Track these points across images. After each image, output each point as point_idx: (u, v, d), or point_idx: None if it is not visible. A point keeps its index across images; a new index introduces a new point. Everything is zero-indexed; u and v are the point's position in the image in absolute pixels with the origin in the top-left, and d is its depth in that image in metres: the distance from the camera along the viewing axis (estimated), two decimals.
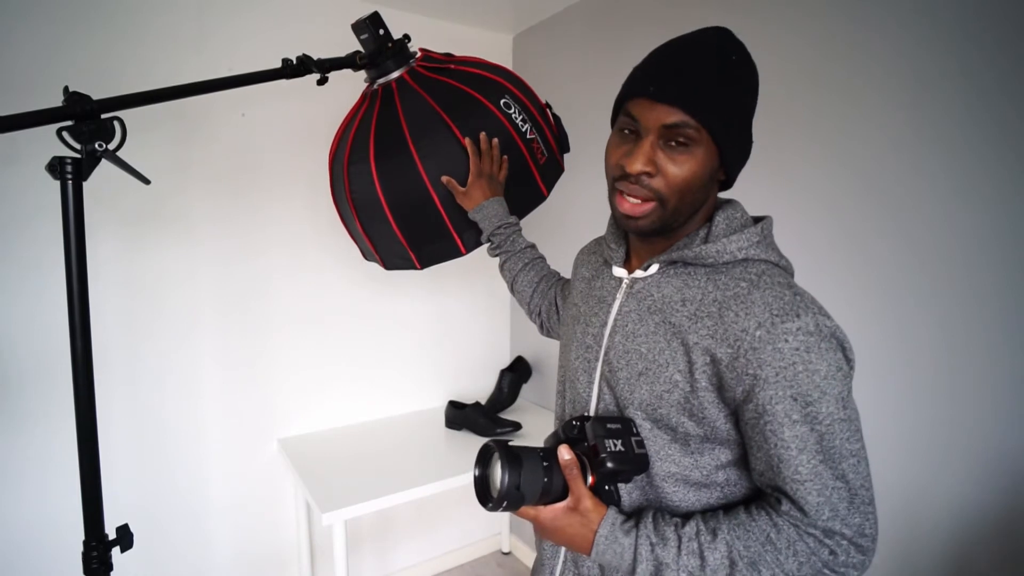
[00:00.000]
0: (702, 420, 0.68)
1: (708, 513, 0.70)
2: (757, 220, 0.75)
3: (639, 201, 0.69)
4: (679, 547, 0.65)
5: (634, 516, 0.71)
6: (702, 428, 0.69)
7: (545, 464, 0.69)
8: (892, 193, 1.20)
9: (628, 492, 0.75)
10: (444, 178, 1.05)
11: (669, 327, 0.70)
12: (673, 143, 0.66)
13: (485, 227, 1.06)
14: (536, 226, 2.23)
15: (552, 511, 0.70)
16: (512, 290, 1.13)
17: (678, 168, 0.67)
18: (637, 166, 0.67)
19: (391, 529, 2.22)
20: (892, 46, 1.19)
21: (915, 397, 1.19)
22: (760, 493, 0.72)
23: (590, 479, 0.70)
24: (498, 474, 0.67)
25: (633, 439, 0.71)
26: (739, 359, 0.64)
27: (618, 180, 0.71)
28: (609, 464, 0.68)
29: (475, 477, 0.71)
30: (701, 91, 0.65)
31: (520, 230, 1.10)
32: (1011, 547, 1.06)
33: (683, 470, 0.71)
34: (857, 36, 1.24)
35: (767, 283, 0.66)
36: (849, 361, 0.65)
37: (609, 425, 0.70)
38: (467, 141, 1.05)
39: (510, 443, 0.71)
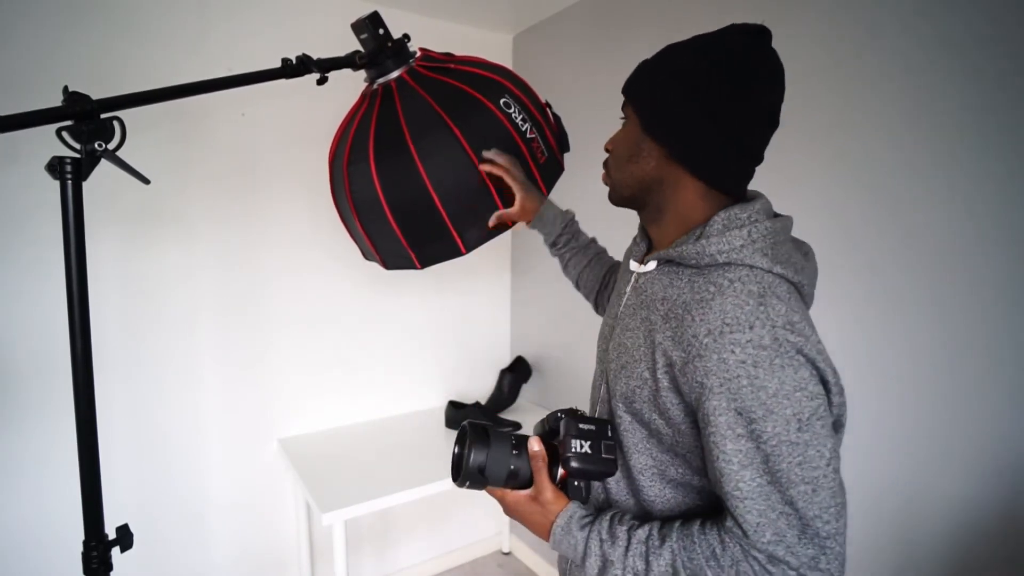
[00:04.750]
0: (669, 420, 0.68)
1: (667, 521, 0.69)
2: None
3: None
4: (627, 548, 0.67)
5: (595, 513, 0.72)
6: (670, 428, 0.68)
7: (515, 452, 0.72)
8: (892, 192, 1.20)
9: (616, 481, 0.76)
10: (492, 220, 1.03)
11: (648, 324, 0.70)
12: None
13: (549, 232, 1.09)
14: None
15: (515, 496, 0.73)
16: (577, 285, 1.15)
17: (613, 140, 0.79)
18: (606, 144, 0.80)
19: (391, 529, 2.22)
20: (892, 45, 1.18)
21: (915, 397, 1.19)
22: None
23: (560, 472, 0.72)
24: (467, 454, 0.70)
25: (604, 443, 0.71)
26: (689, 364, 0.63)
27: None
28: (573, 464, 0.69)
29: (453, 453, 0.74)
30: (639, 77, 0.74)
31: (578, 224, 1.13)
32: (1011, 547, 1.06)
33: (660, 465, 0.72)
34: (856, 36, 1.24)
35: (735, 290, 0.63)
36: (824, 383, 0.61)
37: (582, 425, 0.71)
38: (489, 160, 1.01)
39: (489, 426, 0.73)
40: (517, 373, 2.25)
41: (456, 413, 2.06)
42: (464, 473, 0.70)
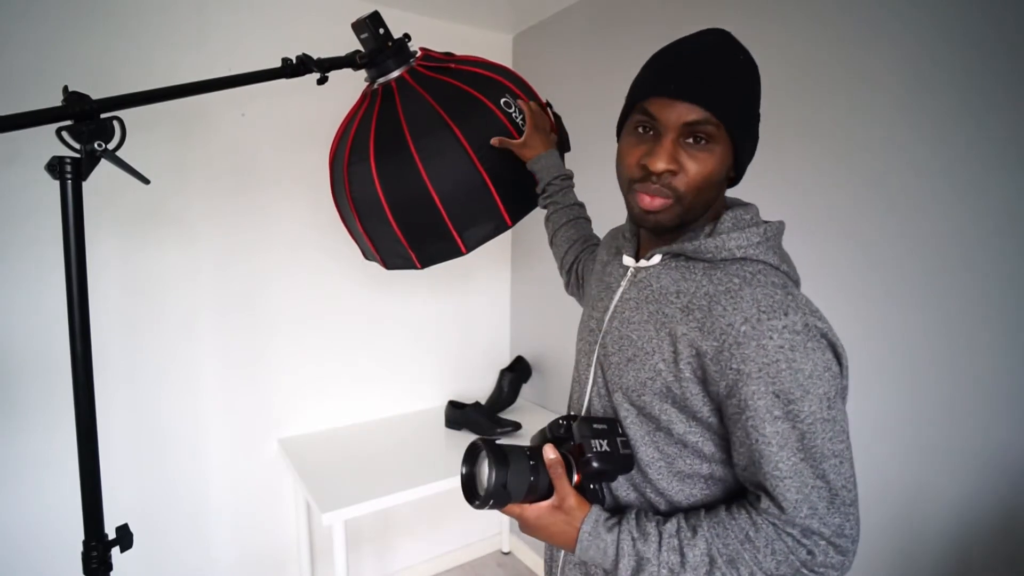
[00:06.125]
0: (684, 407, 0.69)
1: (691, 512, 0.70)
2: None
3: (658, 199, 0.69)
4: (660, 543, 0.66)
5: (618, 514, 0.71)
6: (684, 415, 0.69)
7: (532, 463, 0.70)
8: (893, 194, 1.20)
9: (617, 480, 0.76)
10: (495, 139, 1.06)
11: (661, 317, 0.70)
12: (692, 140, 0.66)
13: (542, 177, 1.09)
14: (535, 226, 2.23)
15: (537, 509, 0.71)
16: (551, 243, 1.16)
17: (699, 165, 0.67)
18: (661, 165, 0.66)
19: (391, 529, 2.22)
20: (893, 46, 1.18)
21: (915, 397, 1.19)
22: (742, 490, 0.72)
23: (575, 478, 0.71)
24: (485, 472, 0.68)
25: (619, 439, 0.72)
26: (723, 353, 0.63)
27: (637, 181, 0.70)
28: (595, 464, 0.69)
29: (462, 475, 0.71)
30: (718, 89, 0.65)
31: (573, 186, 1.12)
32: (1011, 547, 1.06)
33: (667, 457, 0.72)
34: (857, 36, 1.24)
35: (760, 281, 0.65)
36: (841, 364, 0.65)
37: (595, 425, 0.72)
38: (522, 101, 1.11)
39: (497, 441, 0.72)
40: (517, 373, 2.25)
41: (456, 413, 2.06)
42: (488, 492, 0.67)
